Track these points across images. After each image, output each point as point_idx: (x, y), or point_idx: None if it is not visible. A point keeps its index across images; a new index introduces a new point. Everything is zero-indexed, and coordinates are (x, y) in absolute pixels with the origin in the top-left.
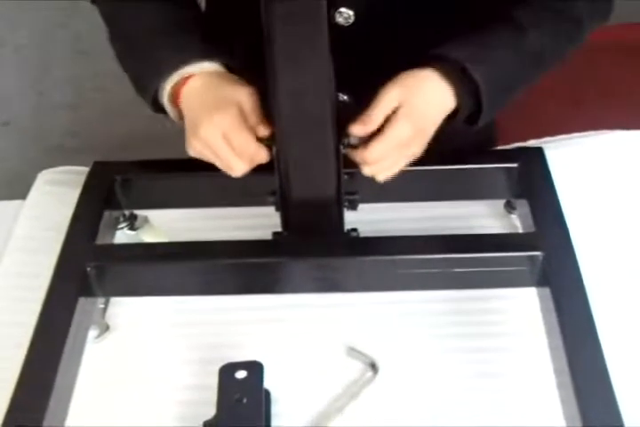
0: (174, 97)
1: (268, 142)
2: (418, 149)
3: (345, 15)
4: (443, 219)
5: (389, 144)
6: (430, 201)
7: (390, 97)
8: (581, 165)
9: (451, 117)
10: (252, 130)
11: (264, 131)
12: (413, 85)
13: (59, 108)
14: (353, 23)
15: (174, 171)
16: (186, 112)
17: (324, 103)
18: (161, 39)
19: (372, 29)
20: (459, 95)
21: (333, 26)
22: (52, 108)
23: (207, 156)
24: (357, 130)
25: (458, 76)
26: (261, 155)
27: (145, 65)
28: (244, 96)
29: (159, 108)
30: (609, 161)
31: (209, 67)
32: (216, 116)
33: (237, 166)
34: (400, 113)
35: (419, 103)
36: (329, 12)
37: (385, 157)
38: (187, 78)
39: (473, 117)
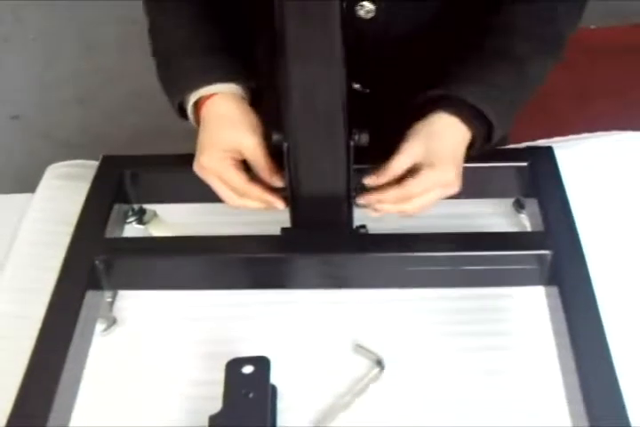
0: (197, 111)
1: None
2: (454, 188)
3: (366, 9)
4: (451, 217)
5: (404, 195)
6: None
7: (410, 153)
8: (591, 165)
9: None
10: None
11: (278, 183)
12: (433, 138)
13: (67, 103)
14: (373, 17)
15: (183, 165)
16: (199, 135)
17: (336, 99)
18: (188, 56)
19: (391, 24)
20: (473, 130)
21: (354, 18)
22: (59, 103)
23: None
24: (369, 181)
25: (471, 114)
26: (262, 198)
27: (170, 78)
28: (249, 147)
29: (185, 115)
30: (618, 161)
31: (227, 89)
32: (202, 157)
33: (229, 200)
34: (424, 169)
35: (441, 153)
36: (351, 5)
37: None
38: (206, 99)
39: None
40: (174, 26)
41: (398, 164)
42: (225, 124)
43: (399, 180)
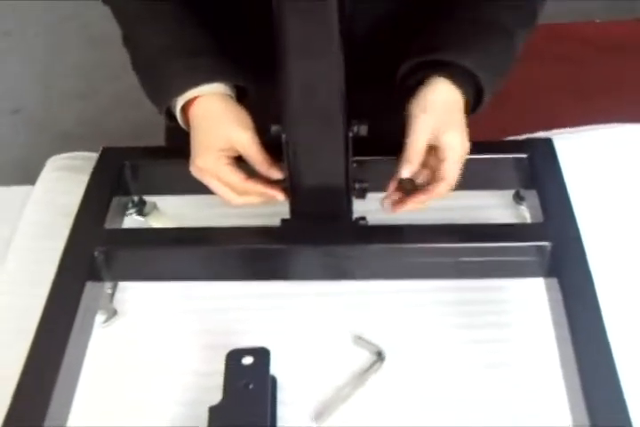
0: (185, 113)
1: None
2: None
3: None
4: (451, 209)
5: (450, 184)
6: None
7: (422, 132)
8: (590, 157)
9: None
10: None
11: (276, 174)
12: (438, 108)
13: (68, 97)
14: None
15: (183, 157)
16: (191, 137)
17: (334, 91)
18: (169, 60)
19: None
20: (466, 96)
21: None
22: (61, 97)
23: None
24: (405, 172)
25: (465, 80)
26: (261, 191)
27: (154, 84)
28: (242, 142)
29: (171, 118)
30: (618, 153)
31: (214, 89)
32: (198, 159)
33: (230, 199)
34: (443, 153)
35: (448, 121)
36: None
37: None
38: (193, 101)
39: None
40: (152, 31)
41: (419, 143)
42: (215, 122)
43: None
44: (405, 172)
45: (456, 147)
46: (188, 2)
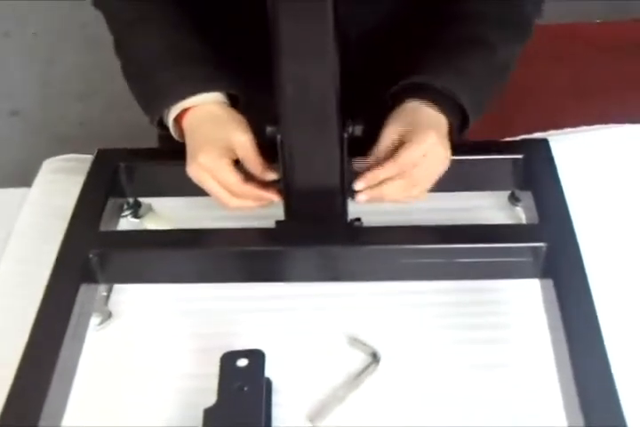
0: (178, 122)
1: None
2: (444, 154)
3: None
4: (446, 210)
5: (398, 165)
6: (434, 192)
7: (391, 134)
8: (586, 158)
9: None
10: (249, 175)
11: (271, 176)
12: (410, 122)
13: (66, 99)
14: None
15: (179, 158)
16: (186, 142)
17: (329, 93)
18: (164, 69)
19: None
20: (449, 116)
21: None
22: (59, 99)
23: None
24: (360, 164)
25: (446, 102)
26: (258, 194)
27: (148, 92)
28: (244, 144)
29: (163, 127)
30: (614, 154)
31: (210, 98)
32: (201, 156)
33: (226, 202)
34: (409, 141)
35: (420, 124)
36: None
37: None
38: (187, 109)
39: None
40: (145, 37)
41: (384, 143)
42: (215, 124)
43: None
44: (361, 164)
45: (423, 142)
46: (186, 3)
